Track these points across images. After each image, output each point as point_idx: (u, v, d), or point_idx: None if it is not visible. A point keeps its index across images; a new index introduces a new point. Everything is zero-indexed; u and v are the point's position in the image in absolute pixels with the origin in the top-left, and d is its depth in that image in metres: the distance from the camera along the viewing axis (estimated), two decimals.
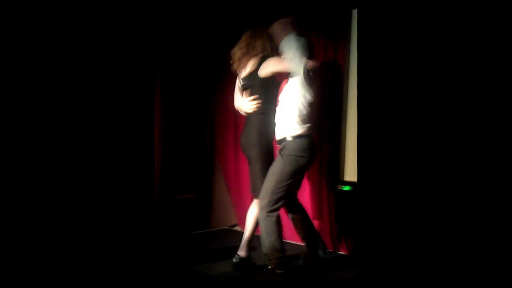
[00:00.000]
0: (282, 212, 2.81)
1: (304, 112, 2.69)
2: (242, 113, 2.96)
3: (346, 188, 3.39)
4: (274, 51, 2.81)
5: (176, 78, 4.07)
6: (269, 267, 2.75)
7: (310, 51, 2.73)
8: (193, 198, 4.22)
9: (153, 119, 3.81)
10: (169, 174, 4.02)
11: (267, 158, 2.82)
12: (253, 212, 2.87)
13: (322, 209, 3.57)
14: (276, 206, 2.68)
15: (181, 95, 4.14)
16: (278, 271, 2.71)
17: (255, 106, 2.81)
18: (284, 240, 2.85)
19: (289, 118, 2.70)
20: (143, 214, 2.97)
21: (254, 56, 2.84)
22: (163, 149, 3.91)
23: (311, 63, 2.67)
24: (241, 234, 3.03)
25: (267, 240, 2.67)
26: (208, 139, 4.41)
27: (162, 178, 3.93)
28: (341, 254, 3.44)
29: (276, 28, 2.80)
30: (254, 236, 2.94)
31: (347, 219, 3.39)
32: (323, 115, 3.19)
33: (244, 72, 2.89)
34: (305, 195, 3.66)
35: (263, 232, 2.70)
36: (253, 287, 2.63)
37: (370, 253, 1.58)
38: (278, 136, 2.77)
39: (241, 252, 2.87)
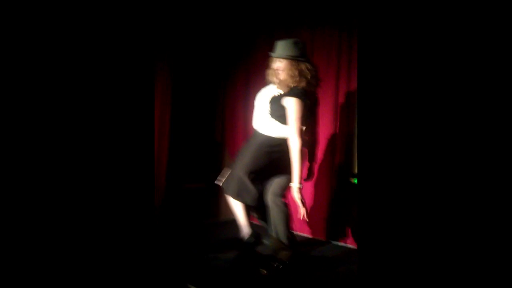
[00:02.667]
0: None
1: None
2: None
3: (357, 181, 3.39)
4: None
5: (188, 67, 4.06)
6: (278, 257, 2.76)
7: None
8: (202, 188, 4.22)
9: (163, 109, 3.82)
10: (178, 164, 4.03)
11: (253, 175, 2.74)
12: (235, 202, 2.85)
13: (332, 201, 3.58)
14: None
15: (192, 85, 4.14)
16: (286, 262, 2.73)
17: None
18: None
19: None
20: (150, 204, 2.96)
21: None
22: (173, 140, 3.92)
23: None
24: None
25: (286, 227, 2.75)
26: (218, 130, 4.41)
27: (171, 168, 3.94)
28: (350, 247, 3.44)
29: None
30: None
31: (356, 212, 3.39)
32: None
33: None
34: (315, 186, 3.67)
35: (284, 219, 2.74)
36: (259, 278, 2.63)
37: (371, 246, 1.58)
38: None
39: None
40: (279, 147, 2.70)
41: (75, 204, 1.87)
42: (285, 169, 2.68)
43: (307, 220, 2.73)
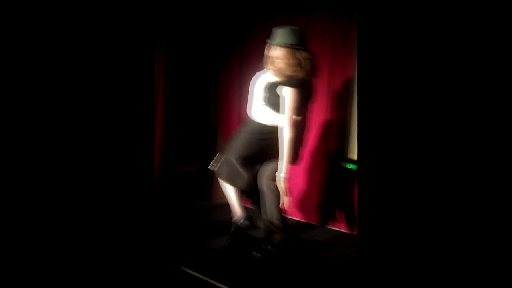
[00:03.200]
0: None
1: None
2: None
3: (351, 166, 3.41)
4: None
5: (182, 50, 4.03)
6: (272, 239, 2.79)
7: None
8: (196, 171, 4.23)
9: (156, 91, 3.79)
10: (172, 148, 4.03)
11: (244, 160, 2.76)
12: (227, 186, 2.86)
13: (325, 186, 3.60)
14: None
15: (186, 68, 4.11)
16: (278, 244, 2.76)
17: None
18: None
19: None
20: (144, 187, 2.98)
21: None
22: (166, 122, 3.91)
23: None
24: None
25: (279, 211, 2.75)
26: (212, 112, 4.40)
27: (164, 151, 3.94)
28: (342, 231, 3.48)
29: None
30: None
31: (350, 197, 3.42)
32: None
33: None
34: (308, 171, 3.70)
35: (277, 203, 2.73)
36: (253, 261, 2.66)
37: (370, 231, 1.59)
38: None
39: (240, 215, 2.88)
40: (271, 134, 2.71)
41: (76, 189, 1.88)
42: (278, 154, 2.70)
43: (288, 209, 2.76)
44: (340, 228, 3.53)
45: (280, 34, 2.62)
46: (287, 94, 2.57)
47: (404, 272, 1.51)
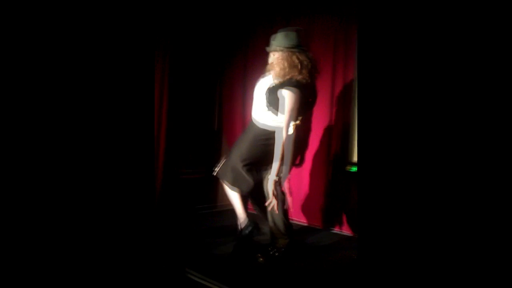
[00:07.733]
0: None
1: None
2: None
3: (354, 169, 3.41)
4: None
5: (186, 56, 4.05)
6: (277, 244, 2.79)
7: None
8: (200, 177, 4.25)
9: (161, 97, 3.82)
10: (176, 154, 4.05)
11: (248, 164, 2.77)
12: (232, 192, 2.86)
13: (328, 189, 3.61)
14: None
15: (189, 74, 4.13)
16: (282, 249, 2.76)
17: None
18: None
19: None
20: (147, 193, 2.99)
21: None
22: (170, 129, 3.93)
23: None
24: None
25: (283, 215, 2.77)
26: (216, 118, 4.42)
27: (168, 157, 3.95)
28: (346, 234, 3.48)
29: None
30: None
31: (353, 200, 3.42)
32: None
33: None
34: (311, 175, 3.70)
35: (281, 207, 2.74)
36: (257, 265, 2.67)
37: (371, 233, 1.60)
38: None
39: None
40: (275, 137, 2.72)
41: (77, 194, 1.88)
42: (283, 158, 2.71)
43: (277, 212, 2.75)
44: (344, 231, 3.53)
45: (275, 39, 2.66)
46: (286, 96, 2.58)
47: (404, 274, 1.52)
